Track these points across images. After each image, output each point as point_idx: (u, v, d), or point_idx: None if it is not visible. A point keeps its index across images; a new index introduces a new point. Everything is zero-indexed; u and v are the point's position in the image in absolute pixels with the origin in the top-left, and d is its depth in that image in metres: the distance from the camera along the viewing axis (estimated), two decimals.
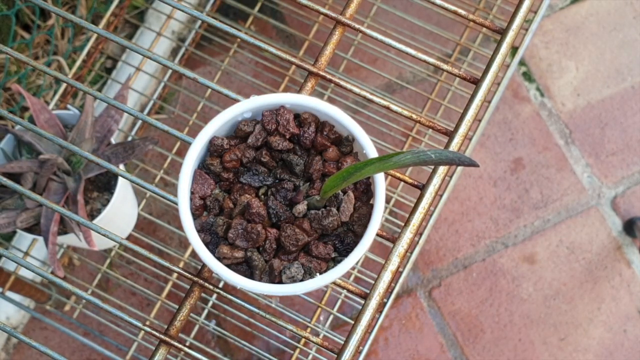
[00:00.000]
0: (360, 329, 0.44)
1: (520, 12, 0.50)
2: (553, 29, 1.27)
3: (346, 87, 0.50)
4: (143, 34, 1.17)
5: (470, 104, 0.48)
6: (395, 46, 0.51)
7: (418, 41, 1.16)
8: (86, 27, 0.51)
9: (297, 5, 1.08)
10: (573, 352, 1.13)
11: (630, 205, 1.20)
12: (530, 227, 1.18)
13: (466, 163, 0.38)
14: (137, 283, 1.10)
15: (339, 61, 1.16)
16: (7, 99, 1.05)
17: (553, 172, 1.20)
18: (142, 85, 1.15)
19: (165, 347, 0.47)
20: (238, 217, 0.43)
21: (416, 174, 1.19)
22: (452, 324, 1.14)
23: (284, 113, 0.44)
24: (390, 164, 0.38)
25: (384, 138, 1.13)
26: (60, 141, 0.50)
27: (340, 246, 0.44)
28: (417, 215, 0.46)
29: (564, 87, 1.24)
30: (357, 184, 0.45)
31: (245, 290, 0.43)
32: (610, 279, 1.16)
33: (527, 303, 1.15)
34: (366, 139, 0.44)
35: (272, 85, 1.14)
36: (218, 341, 1.12)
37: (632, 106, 1.23)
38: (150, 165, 1.15)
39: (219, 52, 1.18)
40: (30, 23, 1.06)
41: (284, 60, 0.51)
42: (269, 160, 0.45)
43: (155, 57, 0.51)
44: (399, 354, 1.13)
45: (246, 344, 0.93)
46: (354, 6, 0.51)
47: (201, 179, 0.44)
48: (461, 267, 1.17)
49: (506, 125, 1.22)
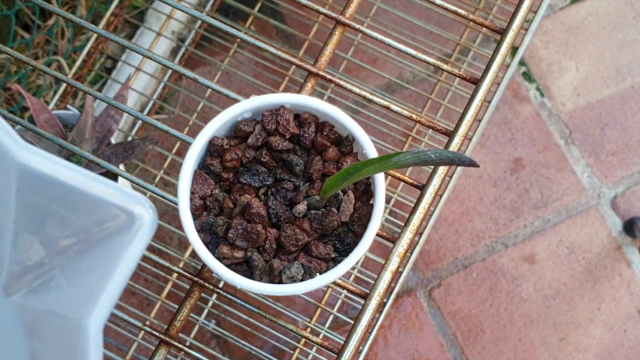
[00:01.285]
0: (360, 329, 0.44)
1: (520, 12, 0.50)
2: (553, 29, 1.27)
3: (346, 87, 0.50)
4: (143, 34, 1.17)
5: (470, 104, 0.48)
6: (395, 46, 0.51)
7: (418, 41, 1.16)
8: (86, 27, 0.51)
9: (297, 5, 1.08)
10: (573, 352, 1.14)
11: (630, 205, 1.20)
12: (530, 227, 1.18)
13: (466, 163, 0.38)
14: (137, 283, 1.10)
15: (339, 61, 1.16)
16: (7, 99, 1.05)
17: (553, 172, 1.20)
18: (142, 85, 1.15)
19: (165, 347, 0.47)
20: (238, 217, 0.43)
21: (416, 174, 1.19)
22: (452, 324, 1.14)
23: (284, 113, 0.44)
24: (390, 164, 0.38)
25: (384, 138, 1.13)
26: (60, 141, 0.50)
27: (340, 246, 0.44)
28: (417, 215, 0.46)
29: (564, 87, 1.24)
30: (357, 184, 0.45)
31: (245, 290, 0.43)
32: (610, 279, 1.16)
33: (527, 303, 1.15)
34: (366, 139, 0.44)
35: (272, 85, 1.14)
36: (218, 341, 1.12)
37: (632, 106, 1.23)
38: (150, 165, 1.15)
39: (219, 52, 1.18)
40: (30, 23, 1.06)
41: (284, 60, 0.51)
42: (269, 160, 0.45)
43: (155, 57, 0.51)
44: (399, 354, 1.13)
45: (246, 343, 0.93)
46: (354, 6, 0.51)
47: (201, 179, 0.44)
48: (461, 267, 1.17)
49: (506, 125, 1.22)
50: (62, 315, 0.30)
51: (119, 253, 0.29)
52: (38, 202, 0.31)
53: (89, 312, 0.28)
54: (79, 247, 0.31)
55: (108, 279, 0.28)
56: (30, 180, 0.30)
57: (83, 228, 0.31)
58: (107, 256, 0.29)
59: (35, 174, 0.29)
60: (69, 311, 0.30)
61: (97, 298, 0.28)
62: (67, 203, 0.30)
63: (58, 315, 0.30)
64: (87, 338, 0.28)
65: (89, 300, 0.28)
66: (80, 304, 0.29)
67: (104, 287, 0.28)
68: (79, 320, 0.28)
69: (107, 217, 0.30)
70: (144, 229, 0.30)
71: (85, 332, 0.28)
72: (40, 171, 0.29)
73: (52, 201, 0.31)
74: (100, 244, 0.30)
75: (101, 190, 0.29)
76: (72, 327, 0.29)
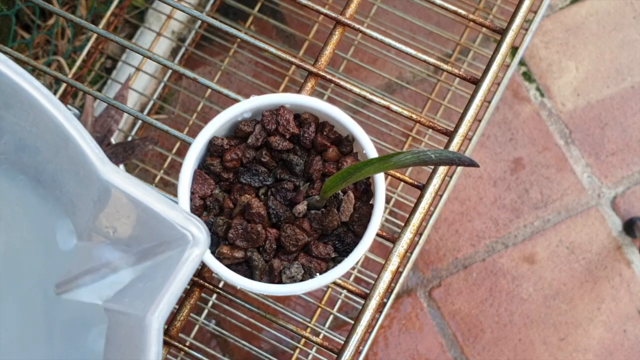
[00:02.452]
0: (360, 329, 0.44)
1: (520, 12, 0.50)
2: (553, 29, 1.27)
3: (346, 87, 0.50)
4: (143, 34, 1.17)
5: (470, 104, 0.48)
6: (395, 46, 0.51)
7: (418, 41, 1.16)
8: (86, 27, 0.51)
9: (297, 5, 1.08)
10: (573, 352, 1.14)
11: (630, 205, 1.20)
12: (530, 227, 1.18)
13: (466, 163, 0.38)
14: None
15: (339, 61, 1.16)
16: None
17: (553, 172, 1.20)
18: (142, 85, 1.15)
19: (165, 347, 0.47)
20: (238, 217, 0.43)
21: (416, 174, 1.19)
22: (452, 324, 1.14)
23: (284, 113, 0.44)
24: (390, 164, 0.38)
25: (384, 138, 1.13)
26: None
27: (340, 246, 0.44)
28: (417, 215, 0.46)
29: (564, 87, 1.24)
30: (357, 184, 0.45)
31: (245, 290, 0.43)
32: (610, 279, 1.16)
33: (527, 303, 1.15)
34: (366, 139, 0.44)
35: (272, 85, 1.14)
36: (218, 341, 1.12)
37: (632, 106, 1.23)
38: (150, 165, 1.15)
39: (219, 52, 1.18)
40: (30, 23, 1.06)
41: (284, 60, 0.51)
42: (269, 160, 0.45)
43: (155, 57, 0.51)
44: (399, 354, 1.13)
45: (246, 343, 0.93)
46: (354, 6, 0.51)
47: (201, 179, 0.44)
48: (461, 267, 1.17)
49: (506, 125, 1.22)
50: (125, 313, 0.36)
51: (178, 265, 0.35)
52: (111, 212, 0.37)
53: (152, 311, 0.33)
54: (139, 256, 0.37)
55: (169, 285, 0.34)
56: (108, 195, 0.36)
57: (146, 240, 0.37)
58: (167, 267, 0.35)
59: (114, 190, 0.36)
60: (132, 309, 0.35)
61: (159, 300, 0.34)
62: (137, 217, 0.37)
63: (121, 312, 0.36)
64: (150, 332, 0.33)
65: (152, 301, 0.34)
66: (143, 304, 0.34)
67: (165, 291, 0.34)
68: (142, 318, 0.34)
69: (169, 234, 0.36)
70: (200, 247, 0.35)
71: (149, 327, 0.33)
72: (119, 188, 0.36)
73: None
74: (160, 256, 0.36)
75: (167, 211, 0.36)
76: (136, 323, 0.34)
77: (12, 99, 0.37)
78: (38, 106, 0.36)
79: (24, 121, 0.38)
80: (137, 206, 0.36)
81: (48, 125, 0.36)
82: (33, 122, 0.37)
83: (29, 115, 0.37)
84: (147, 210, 0.36)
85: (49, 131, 0.37)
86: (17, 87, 0.36)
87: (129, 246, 0.37)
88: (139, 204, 0.36)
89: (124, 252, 0.38)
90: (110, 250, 0.38)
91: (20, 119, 0.38)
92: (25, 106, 0.37)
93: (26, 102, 0.36)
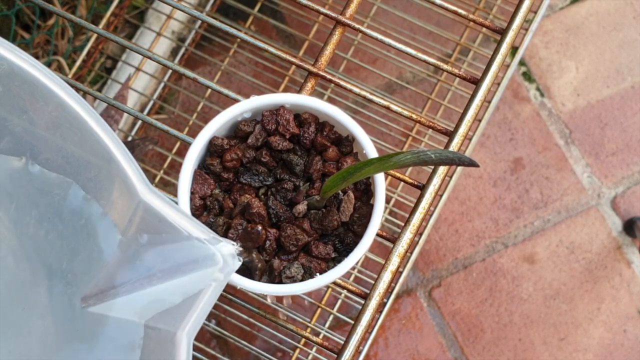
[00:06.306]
0: (360, 329, 0.44)
1: (520, 12, 0.50)
2: (553, 29, 1.27)
3: (346, 87, 0.50)
4: (143, 34, 1.17)
5: (470, 104, 0.48)
6: (395, 46, 0.51)
7: (418, 41, 1.16)
8: (86, 27, 0.51)
9: (297, 5, 1.08)
10: (573, 352, 1.14)
11: (630, 205, 1.20)
12: (530, 227, 1.18)
13: (466, 163, 0.38)
14: None
15: (339, 61, 1.16)
16: None
17: (553, 172, 1.20)
18: (142, 85, 1.15)
19: None
20: (238, 217, 0.43)
21: (416, 174, 1.19)
22: (452, 324, 1.14)
23: (284, 113, 0.44)
24: (390, 164, 0.38)
25: (384, 138, 1.13)
26: None
27: (340, 246, 0.44)
28: (417, 215, 0.46)
29: (564, 87, 1.24)
30: (357, 184, 0.45)
31: (245, 290, 0.43)
32: (610, 279, 1.16)
33: (527, 303, 1.15)
34: (366, 139, 0.44)
35: (272, 85, 1.14)
36: (218, 341, 1.12)
37: (632, 106, 1.23)
38: (150, 165, 1.15)
39: (219, 52, 1.18)
40: (30, 23, 1.06)
41: (284, 60, 0.51)
42: (269, 160, 0.45)
43: (155, 57, 0.51)
44: (399, 354, 1.13)
45: (246, 343, 0.93)
46: (354, 6, 0.51)
47: (201, 179, 0.44)
48: (461, 267, 1.17)
49: (506, 125, 1.22)
50: (155, 328, 0.37)
51: (208, 283, 0.37)
52: (147, 229, 0.39)
53: (183, 327, 0.35)
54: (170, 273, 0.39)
55: (199, 303, 0.36)
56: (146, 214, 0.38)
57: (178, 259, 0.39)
58: (196, 283, 0.37)
59: (153, 210, 0.38)
60: (162, 324, 0.37)
61: (190, 317, 0.35)
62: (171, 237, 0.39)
63: (150, 327, 0.38)
64: (180, 348, 0.35)
65: (182, 318, 0.36)
66: (173, 320, 0.36)
67: (195, 309, 0.36)
68: (174, 333, 0.35)
69: (200, 254, 0.38)
70: (229, 267, 0.38)
71: (180, 343, 0.35)
72: (156, 210, 0.38)
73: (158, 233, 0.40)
74: (190, 275, 0.38)
75: (200, 234, 0.38)
76: (167, 338, 0.36)
77: (62, 119, 0.39)
78: (86, 128, 0.38)
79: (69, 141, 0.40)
80: (172, 229, 0.38)
81: (93, 147, 0.38)
82: (79, 142, 0.39)
83: (76, 135, 0.39)
84: (181, 233, 0.38)
85: (93, 153, 0.39)
86: (68, 107, 0.38)
87: (162, 263, 0.39)
88: (174, 228, 0.38)
89: (156, 268, 0.39)
90: (143, 265, 0.39)
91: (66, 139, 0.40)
92: (74, 127, 0.39)
93: (75, 122, 0.38)
